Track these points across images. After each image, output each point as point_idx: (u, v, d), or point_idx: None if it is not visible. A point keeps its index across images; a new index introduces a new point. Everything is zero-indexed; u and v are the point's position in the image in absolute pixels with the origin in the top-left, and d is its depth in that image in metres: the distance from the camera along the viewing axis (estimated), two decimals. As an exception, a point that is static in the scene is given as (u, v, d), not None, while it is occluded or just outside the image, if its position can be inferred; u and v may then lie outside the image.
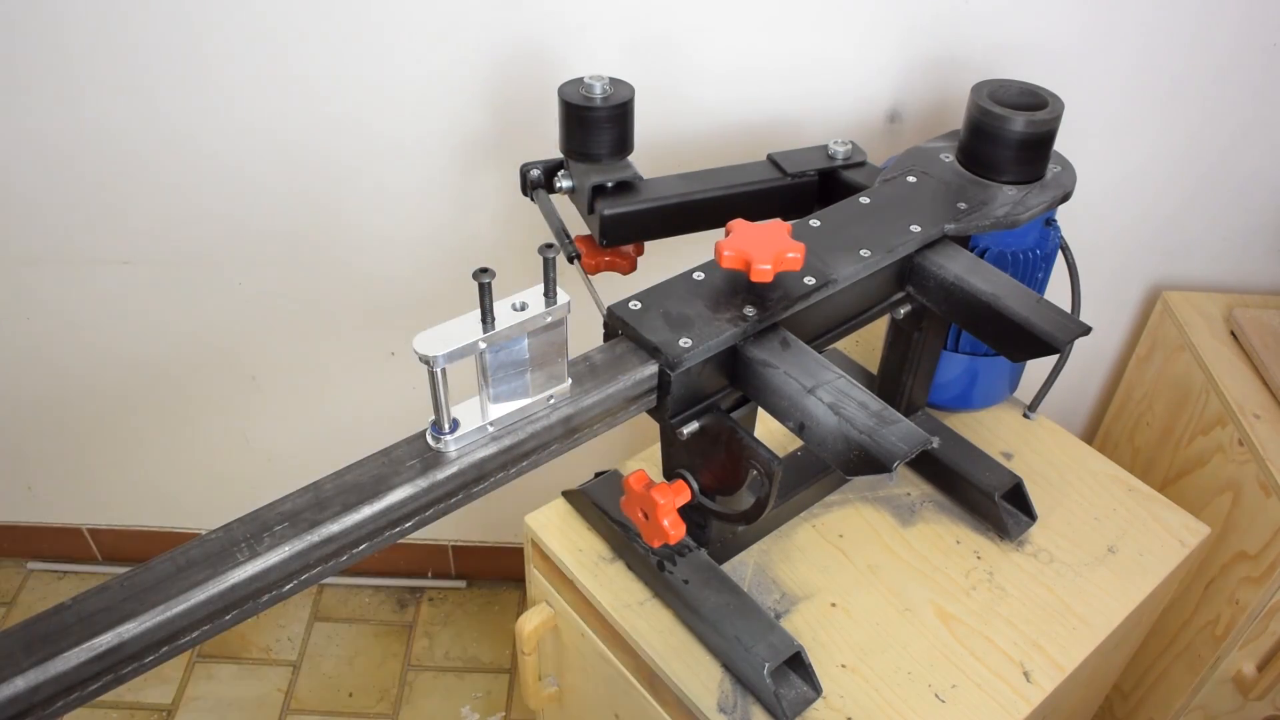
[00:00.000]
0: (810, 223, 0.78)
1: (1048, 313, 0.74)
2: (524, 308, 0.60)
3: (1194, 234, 1.23)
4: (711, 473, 0.73)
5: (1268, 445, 1.04)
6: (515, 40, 1.09)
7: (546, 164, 0.90)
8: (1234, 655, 1.10)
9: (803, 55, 1.10)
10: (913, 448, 0.61)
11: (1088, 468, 0.98)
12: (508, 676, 1.64)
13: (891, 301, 0.82)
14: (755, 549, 0.90)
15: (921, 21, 1.07)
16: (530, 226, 1.25)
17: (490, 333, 0.59)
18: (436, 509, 0.61)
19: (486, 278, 0.56)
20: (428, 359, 0.58)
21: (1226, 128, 1.14)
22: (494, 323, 0.59)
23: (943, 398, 1.02)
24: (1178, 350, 1.21)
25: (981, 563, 0.89)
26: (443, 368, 0.58)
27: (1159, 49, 1.07)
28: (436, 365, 0.57)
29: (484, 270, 0.56)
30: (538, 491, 0.96)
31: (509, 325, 0.59)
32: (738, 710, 0.77)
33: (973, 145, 0.84)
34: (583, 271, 0.88)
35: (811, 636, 0.82)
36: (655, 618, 0.83)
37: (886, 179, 0.84)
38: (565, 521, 0.91)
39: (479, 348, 0.58)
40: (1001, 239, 0.90)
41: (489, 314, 0.58)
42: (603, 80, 0.83)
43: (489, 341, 0.59)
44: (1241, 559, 1.08)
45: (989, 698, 0.78)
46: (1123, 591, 0.87)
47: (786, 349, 0.69)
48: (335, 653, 1.67)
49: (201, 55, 1.11)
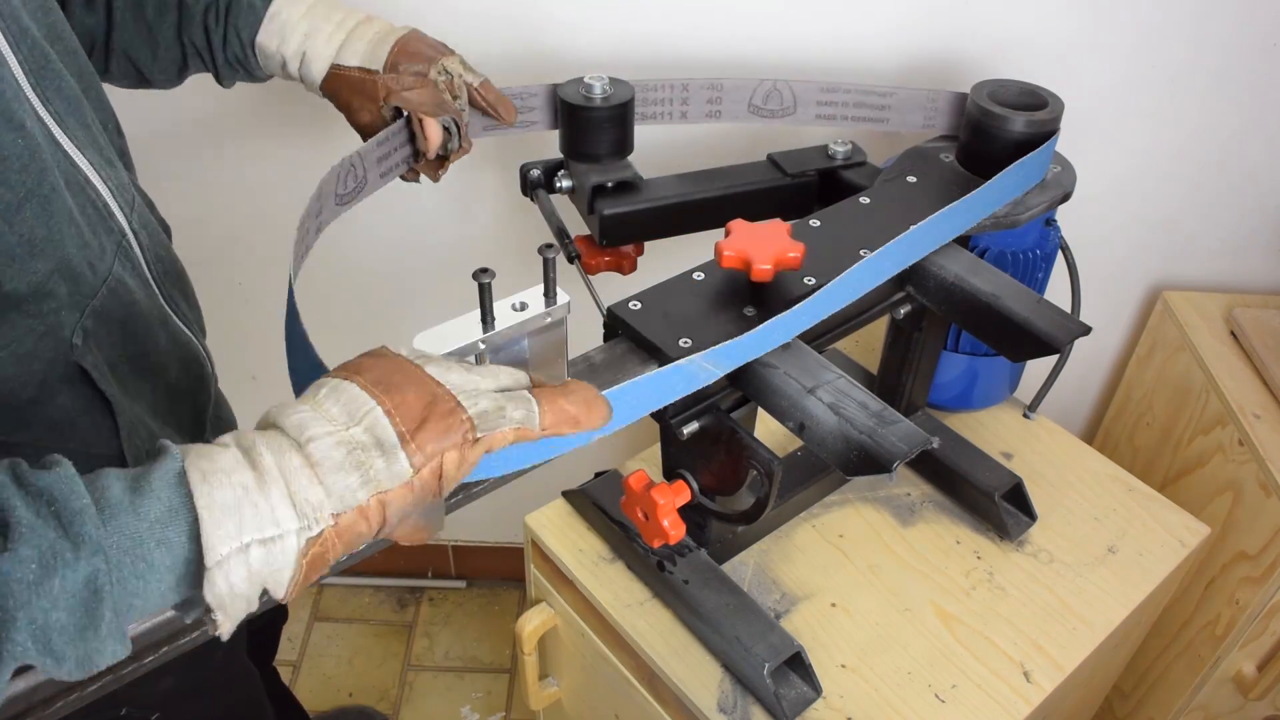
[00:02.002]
0: (810, 223, 0.78)
1: (1048, 313, 0.74)
2: (524, 308, 0.60)
3: (1194, 234, 1.23)
4: (711, 473, 0.73)
5: (1268, 445, 1.04)
6: (515, 40, 1.09)
7: (546, 164, 0.90)
8: (1234, 655, 1.10)
9: (803, 55, 1.10)
10: (913, 448, 0.61)
11: (1088, 468, 0.98)
12: (508, 676, 1.64)
13: (891, 301, 0.82)
14: (755, 549, 0.90)
15: (920, 20, 1.07)
16: (530, 226, 1.25)
17: (490, 333, 0.59)
18: (436, 509, 0.61)
19: (486, 278, 0.56)
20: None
21: (1226, 128, 1.14)
22: (494, 323, 0.59)
23: (943, 398, 1.02)
24: (1178, 350, 1.21)
25: (981, 563, 0.89)
26: None
27: (1158, 49, 1.07)
28: None
29: (484, 270, 0.56)
30: (538, 491, 0.96)
31: (509, 325, 0.59)
32: (738, 710, 0.77)
33: (973, 145, 0.84)
34: (583, 271, 0.88)
35: (811, 636, 0.82)
36: (655, 618, 0.83)
37: (886, 179, 0.84)
38: (565, 521, 0.91)
39: (479, 348, 0.58)
40: (1001, 239, 0.90)
41: (489, 314, 0.58)
42: (602, 80, 0.83)
43: (489, 342, 0.59)
44: (1241, 559, 1.08)
45: (989, 698, 0.78)
46: (1123, 591, 0.87)
47: (786, 349, 0.69)
48: (335, 653, 1.67)
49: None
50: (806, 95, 0.88)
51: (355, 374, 0.48)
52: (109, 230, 0.67)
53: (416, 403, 0.47)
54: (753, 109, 0.88)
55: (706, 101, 0.88)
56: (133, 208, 0.71)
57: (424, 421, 0.46)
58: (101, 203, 0.67)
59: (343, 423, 0.46)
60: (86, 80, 0.70)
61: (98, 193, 0.66)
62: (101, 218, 0.67)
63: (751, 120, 0.89)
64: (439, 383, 0.48)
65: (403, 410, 0.46)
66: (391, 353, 0.50)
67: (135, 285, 0.70)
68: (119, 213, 0.69)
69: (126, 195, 0.71)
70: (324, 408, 0.46)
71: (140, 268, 0.72)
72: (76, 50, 0.69)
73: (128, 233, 0.70)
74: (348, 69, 0.80)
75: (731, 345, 0.63)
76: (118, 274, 0.67)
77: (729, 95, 0.88)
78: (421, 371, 0.48)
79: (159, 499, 0.42)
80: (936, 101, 0.87)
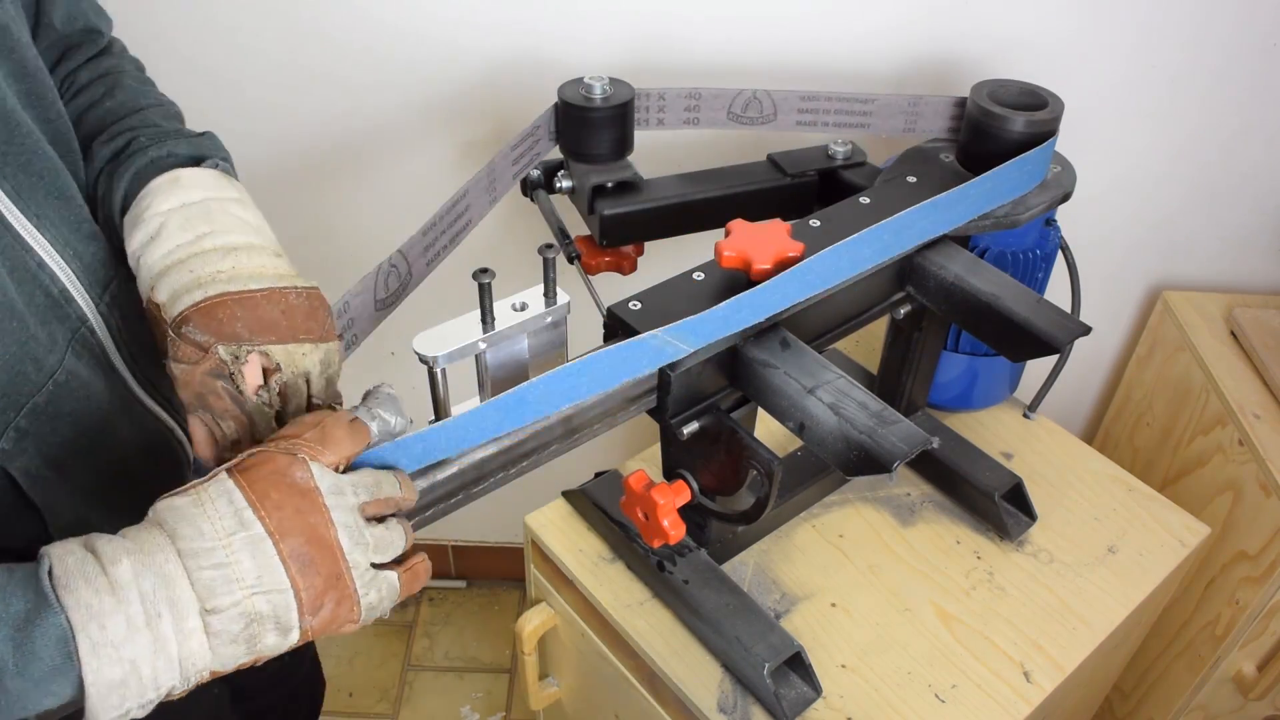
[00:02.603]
0: (810, 223, 0.78)
1: (1048, 313, 0.74)
2: (524, 308, 0.60)
3: (1194, 234, 1.23)
4: (711, 473, 0.73)
5: (1268, 445, 1.04)
6: (515, 39, 1.09)
7: (546, 164, 0.90)
8: (1234, 655, 1.10)
9: (802, 54, 1.10)
10: (913, 448, 0.61)
11: (1088, 468, 0.98)
12: (508, 676, 1.64)
13: (891, 301, 0.82)
14: (755, 549, 0.90)
15: (920, 21, 1.07)
16: (530, 226, 1.24)
17: (491, 333, 0.59)
18: (436, 509, 0.61)
19: (486, 278, 0.56)
20: (428, 359, 0.58)
21: (1226, 128, 1.14)
22: (494, 323, 0.59)
23: (943, 398, 1.02)
24: (1178, 350, 1.21)
25: (981, 563, 0.89)
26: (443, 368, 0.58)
27: (1159, 49, 1.07)
28: (437, 365, 0.57)
29: (484, 270, 0.56)
30: (538, 491, 0.96)
31: (510, 325, 0.59)
32: (738, 710, 0.77)
33: (973, 145, 0.84)
34: (582, 271, 0.88)
35: (811, 636, 0.82)
36: (655, 618, 0.83)
37: (886, 179, 0.84)
38: (565, 521, 0.91)
39: (479, 348, 0.58)
40: (1001, 239, 0.90)
41: (489, 314, 0.58)
42: (602, 80, 0.83)
43: (489, 341, 0.59)
44: (1241, 559, 1.08)
45: (989, 698, 0.78)
46: (1123, 591, 0.87)
47: (786, 349, 0.69)
48: (335, 653, 1.67)
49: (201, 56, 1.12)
50: (786, 103, 0.88)
51: (274, 522, 0.47)
52: (63, 318, 0.59)
53: (323, 586, 0.48)
54: (732, 116, 0.87)
55: (684, 109, 0.88)
56: (106, 287, 0.63)
57: (321, 608, 0.48)
58: (58, 289, 0.59)
59: (250, 585, 0.46)
60: (70, 144, 0.63)
61: (53, 277, 0.59)
62: (55, 305, 0.59)
63: (730, 127, 0.89)
64: (346, 561, 0.49)
65: (309, 594, 0.48)
66: (297, 472, 0.49)
67: (93, 375, 0.62)
68: (81, 297, 0.61)
69: (99, 274, 0.62)
70: (237, 558, 0.46)
71: (104, 354, 0.63)
72: (60, 115, 0.62)
73: (90, 318, 0.61)
74: (155, 305, 0.59)
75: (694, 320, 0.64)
76: (70, 366, 0.59)
77: (707, 104, 0.88)
78: (333, 537, 0.49)
79: (43, 661, 0.43)
80: (918, 106, 0.88)
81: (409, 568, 0.53)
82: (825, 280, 0.70)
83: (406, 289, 0.71)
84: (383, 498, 0.52)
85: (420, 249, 0.73)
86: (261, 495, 0.48)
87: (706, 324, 0.65)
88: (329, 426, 0.51)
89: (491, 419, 0.56)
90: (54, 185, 0.59)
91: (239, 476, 0.48)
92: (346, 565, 0.49)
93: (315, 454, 0.50)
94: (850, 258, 0.71)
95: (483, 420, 0.56)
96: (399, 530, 0.53)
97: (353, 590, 0.49)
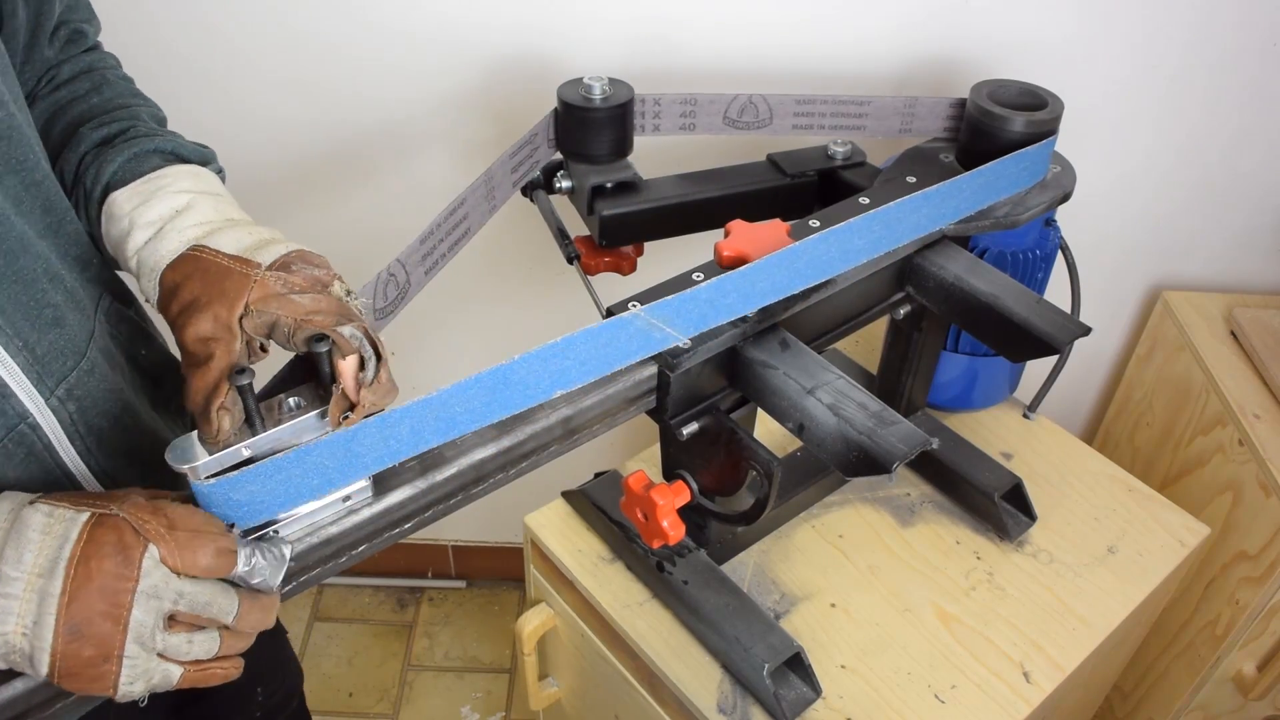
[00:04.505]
0: (810, 223, 0.78)
1: (1048, 313, 0.74)
2: (299, 408, 0.56)
3: (1194, 234, 1.23)
4: (711, 473, 0.73)
5: (1268, 445, 1.04)
6: (515, 39, 1.09)
7: (546, 164, 0.90)
8: (1234, 655, 1.10)
9: (802, 54, 1.10)
10: (912, 448, 0.61)
11: (1088, 468, 0.98)
12: (508, 676, 1.65)
13: (891, 302, 0.82)
14: (755, 549, 0.90)
15: (920, 22, 1.07)
16: (530, 227, 1.24)
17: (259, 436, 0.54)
18: (436, 510, 0.61)
19: (245, 379, 0.52)
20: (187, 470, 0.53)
21: (1226, 128, 1.14)
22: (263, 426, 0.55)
23: (943, 398, 1.02)
24: (1178, 350, 1.21)
25: (981, 563, 0.89)
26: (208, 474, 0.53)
27: (1158, 49, 1.07)
28: (198, 476, 0.53)
29: (242, 371, 0.52)
30: (537, 492, 0.96)
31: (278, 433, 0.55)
32: (737, 711, 0.77)
33: (972, 145, 0.84)
34: (582, 272, 0.88)
35: (811, 637, 0.82)
36: (655, 618, 0.83)
37: (886, 179, 0.84)
38: (565, 522, 0.91)
39: (243, 454, 0.54)
40: (1001, 239, 0.90)
41: (255, 414, 0.54)
42: (602, 81, 0.83)
43: (253, 448, 0.54)
44: (1241, 559, 1.08)
45: (989, 698, 0.78)
46: (1123, 592, 0.87)
47: (786, 349, 0.69)
48: (335, 653, 1.67)
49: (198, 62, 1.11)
50: (782, 107, 0.88)
51: (74, 588, 0.47)
52: (1, 414, 0.56)
53: (87, 660, 0.48)
54: (728, 121, 0.87)
55: (680, 115, 0.88)
56: (62, 378, 0.59)
57: (76, 675, 0.48)
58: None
59: (24, 628, 0.47)
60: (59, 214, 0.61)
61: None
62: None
63: (727, 132, 0.89)
64: (122, 649, 0.49)
65: (67, 661, 0.48)
66: (134, 555, 0.49)
67: (28, 475, 0.58)
68: (24, 392, 0.57)
69: (53, 365, 0.59)
70: (27, 599, 0.47)
71: (47, 449, 0.59)
72: (41, 181, 0.59)
73: (32, 413, 0.57)
74: (214, 252, 0.59)
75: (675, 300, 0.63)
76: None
77: (703, 109, 0.87)
78: (120, 626, 0.48)
79: None
80: (914, 107, 0.88)
81: (204, 669, 0.52)
82: (817, 271, 0.70)
83: (405, 298, 0.71)
84: (206, 616, 0.51)
85: (419, 257, 0.73)
86: (86, 557, 0.48)
87: (690, 304, 0.64)
88: (202, 541, 0.50)
89: (478, 398, 0.56)
90: (12, 268, 0.56)
91: (90, 529, 0.49)
92: (119, 654, 0.49)
93: (168, 552, 0.49)
94: (841, 247, 0.71)
95: (468, 400, 0.56)
96: (207, 643, 0.52)
97: (114, 675, 0.49)
